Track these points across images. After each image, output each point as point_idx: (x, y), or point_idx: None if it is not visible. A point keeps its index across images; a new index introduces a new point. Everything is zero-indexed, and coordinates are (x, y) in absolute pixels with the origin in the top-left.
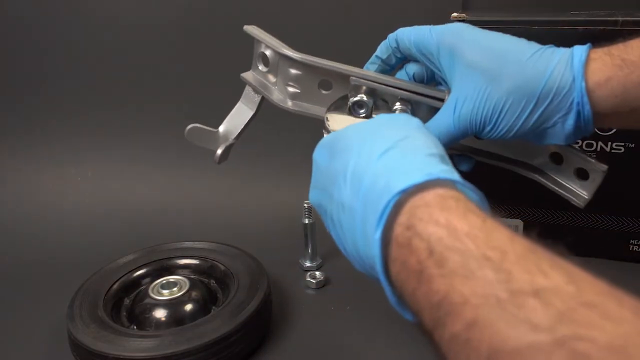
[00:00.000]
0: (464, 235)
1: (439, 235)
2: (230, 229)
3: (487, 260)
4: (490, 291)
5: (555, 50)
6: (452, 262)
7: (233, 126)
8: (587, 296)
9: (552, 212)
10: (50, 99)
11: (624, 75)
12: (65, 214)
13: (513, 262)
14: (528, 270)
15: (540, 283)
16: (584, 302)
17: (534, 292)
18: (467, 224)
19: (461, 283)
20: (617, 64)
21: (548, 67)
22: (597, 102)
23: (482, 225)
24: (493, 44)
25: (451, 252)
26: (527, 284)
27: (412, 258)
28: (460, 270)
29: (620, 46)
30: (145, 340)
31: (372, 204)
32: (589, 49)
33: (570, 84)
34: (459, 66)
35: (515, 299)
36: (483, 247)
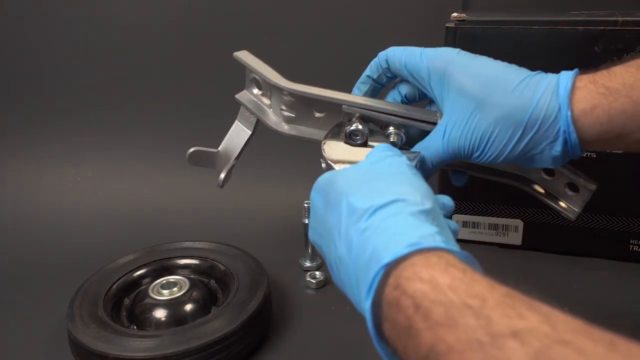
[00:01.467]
0: (447, 288)
1: (423, 291)
2: (230, 229)
3: (468, 308)
4: (473, 336)
5: (542, 77)
6: (436, 314)
7: (232, 146)
8: (562, 334)
9: (552, 212)
10: (50, 99)
11: (608, 103)
12: (65, 214)
13: (492, 307)
14: (506, 314)
15: (518, 325)
16: (559, 340)
17: (513, 333)
18: (449, 277)
19: (446, 332)
20: (602, 92)
21: (534, 96)
22: (583, 129)
23: (462, 277)
24: (482, 70)
25: (435, 305)
26: (506, 327)
27: (401, 315)
28: (444, 321)
29: (605, 73)
30: (145, 340)
31: (362, 271)
32: (575, 75)
33: (557, 112)
34: (449, 92)
35: (496, 342)
36: (464, 297)
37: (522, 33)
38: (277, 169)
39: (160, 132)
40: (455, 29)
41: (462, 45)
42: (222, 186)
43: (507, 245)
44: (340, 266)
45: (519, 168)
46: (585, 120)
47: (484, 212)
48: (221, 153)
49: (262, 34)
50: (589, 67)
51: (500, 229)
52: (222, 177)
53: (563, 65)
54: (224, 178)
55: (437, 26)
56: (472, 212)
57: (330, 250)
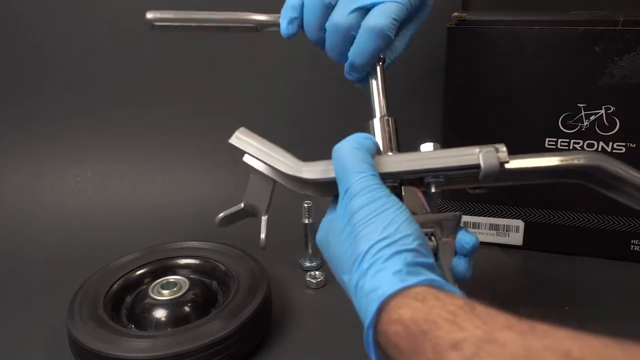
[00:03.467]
0: (409, 321)
1: (396, 331)
2: (230, 228)
3: (424, 334)
4: (427, 357)
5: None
6: (405, 347)
7: (256, 199)
8: (492, 334)
9: (552, 212)
10: (50, 99)
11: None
12: (65, 214)
13: (440, 327)
14: (449, 330)
15: (457, 336)
16: (488, 339)
17: (452, 345)
18: (410, 310)
19: (412, 359)
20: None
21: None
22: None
23: (421, 307)
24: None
25: (404, 341)
26: (447, 341)
27: (392, 355)
28: (410, 350)
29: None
30: (141, 340)
31: (363, 318)
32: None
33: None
34: None
35: (439, 356)
36: (421, 324)
37: (522, 33)
38: None
39: (160, 132)
40: (455, 29)
41: (462, 45)
42: (264, 248)
43: (508, 246)
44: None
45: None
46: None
47: (484, 213)
48: (247, 206)
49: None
50: (589, 67)
51: (501, 229)
52: (263, 239)
53: (563, 65)
54: (265, 239)
55: (437, 26)
56: (472, 213)
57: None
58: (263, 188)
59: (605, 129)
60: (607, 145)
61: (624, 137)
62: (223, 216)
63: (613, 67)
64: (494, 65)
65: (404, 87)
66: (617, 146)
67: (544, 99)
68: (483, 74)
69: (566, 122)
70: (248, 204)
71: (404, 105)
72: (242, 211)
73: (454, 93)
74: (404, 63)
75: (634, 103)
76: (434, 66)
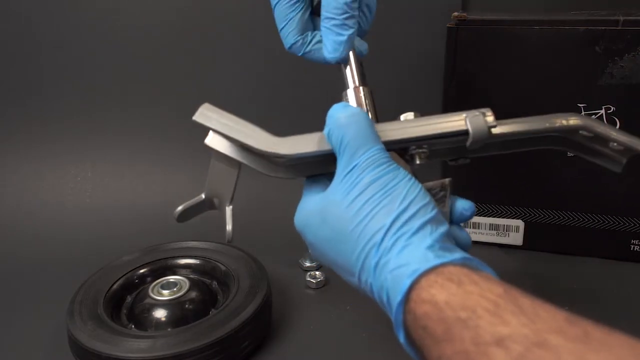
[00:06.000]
0: (444, 304)
1: (427, 312)
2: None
3: (460, 322)
4: (464, 348)
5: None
6: (438, 332)
7: (218, 188)
8: (541, 335)
9: (552, 212)
10: (50, 99)
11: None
12: (65, 214)
13: (480, 317)
14: (492, 322)
15: (502, 332)
16: (537, 342)
17: (496, 341)
18: (446, 293)
19: (446, 346)
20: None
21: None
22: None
23: (457, 291)
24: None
25: (436, 323)
26: (491, 335)
27: (417, 335)
28: (444, 336)
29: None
30: (140, 340)
31: (387, 307)
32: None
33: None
34: None
35: (482, 350)
36: (458, 310)
37: (522, 33)
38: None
39: (160, 132)
40: (455, 28)
41: (462, 45)
42: (231, 240)
43: (508, 246)
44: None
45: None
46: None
47: (484, 213)
48: (208, 199)
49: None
50: (589, 67)
51: (501, 229)
52: (229, 230)
53: (563, 65)
54: (232, 231)
55: (437, 26)
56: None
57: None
58: (227, 175)
59: None
60: None
61: None
62: (182, 210)
63: (613, 67)
64: (494, 65)
65: (404, 87)
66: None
67: (544, 99)
68: (483, 74)
69: None
70: (210, 194)
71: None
72: (203, 203)
73: (454, 93)
74: (404, 63)
75: (634, 103)
76: (434, 66)
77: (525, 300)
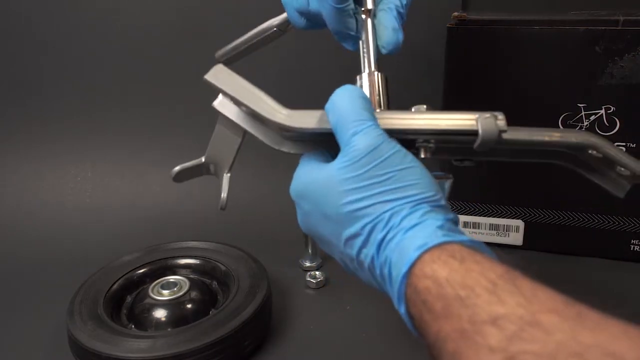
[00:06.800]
0: (444, 281)
1: (427, 287)
2: (230, 228)
3: (459, 300)
4: (461, 325)
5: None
6: (437, 307)
7: (219, 154)
8: (535, 316)
9: (552, 212)
10: (50, 99)
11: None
12: (65, 214)
13: (478, 295)
14: (489, 301)
15: (498, 311)
16: (531, 322)
17: (492, 320)
18: (447, 269)
19: (444, 323)
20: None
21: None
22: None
23: (458, 267)
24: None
25: (435, 299)
26: (487, 314)
27: (416, 310)
28: (443, 312)
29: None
30: (140, 340)
31: (388, 285)
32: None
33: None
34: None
35: (478, 329)
36: (457, 288)
37: (522, 33)
38: (278, 168)
39: (160, 132)
40: (455, 28)
41: (462, 45)
42: (225, 208)
43: (508, 246)
44: (357, 269)
45: (568, 147)
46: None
47: (484, 213)
48: (208, 163)
49: None
50: (589, 67)
51: (501, 229)
52: (224, 198)
53: (564, 65)
54: (227, 198)
55: (437, 26)
56: (472, 213)
57: (338, 255)
58: (230, 142)
59: (605, 129)
60: None
61: (624, 137)
62: (179, 169)
63: (613, 67)
64: (493, 65)
65: (404, 87)
66: (617, 146)
67: (544, 98)
68: (483, 74)
69: (566, 122)
70: (210, 158)
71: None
72: (201, 166)
73: (454, 93)
74: (404, 63)
75: (634, 103)
76: (434, 66)
77: (525, 281)
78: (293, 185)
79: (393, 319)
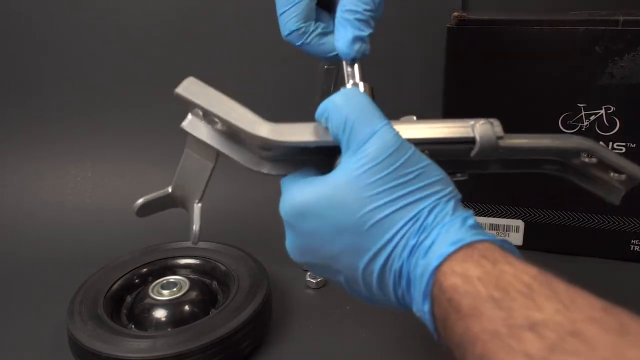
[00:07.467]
0: (476, 280)
1: (455, 284)
2: (230, 228)
3: (492, 300)
4: (495, 328)
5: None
6: (465, 306)
7: (189, 183)
8: (576, 325)
9: (552, 212)
10: (50, 99)
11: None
12: (65, 214)
13: (514, 299)
14: (526, 305)
15: (536, 317)
16: (572, 332)
17: (530, 326)
18: (480, 269)
19: (473, 323)
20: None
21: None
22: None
23: (492, 269)
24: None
25: (464, 297)
26: (524, 319)
27: (440, 309)
28: (471, 312)
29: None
30: (140, 340)
31: (412, 287)
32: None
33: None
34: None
35: (514, 333)
36: (491, 289)
37: (522, 33)
38: None
39: (161, 132)
40: (455, 28)
41: (463, 45)
42: (197, 243)
43: None
44: (363, 290)
45: (562, 152)
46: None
47: (484, 213)
48: (175, 194)
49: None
50: (589, 67)
51: (501, 229)
52: (196, 230)
53: (563, 65)
54: (199, 231)
55: (437, 26)
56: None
57: (342, 272)
58: (200, 167)
59: (605, 129)
60: (607, 145)
61: (624, 137)
62: (143, 202)
63: (613, 67)
64: (493, 65)
65: (404, 87)
66: (617, 146)
67: (544, 98)
68: (483, 74)
69: (566, 122)
70: (178, 188)
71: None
72: (168, 197)
73: (454, 93)
74: (404, 63)
75: (634, 103)
76: (434, 66)
77: (560, 285)
78: (287, 207)
79: (393, 319)
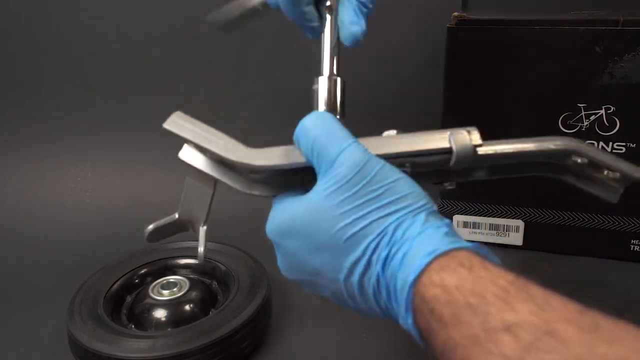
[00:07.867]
0: (453, 288)
1: (435, 295)
2: (230, 228)
3: (469, 307)
4: (473, 332)
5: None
6: (446, 315)
7: (193, 208)
8: (550, 325)
9: (552, 212)
10: (50, 99)
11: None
12: (65, 214)
13: (490, 303)
14: (501, 309)
15: (511, 319)
16: (547, 331)
17: (505, 328)
18: (457, 277)
19: (453, 331)
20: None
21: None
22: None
23: (468, 275)
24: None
25: (444, 307)
26: (500, 321)
27: (423, 320)
28: (451, 321)
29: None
30: (140, 340)
31: (394, 300)
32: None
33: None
34: None
35: (491, 336)
36: (467, 295)
37: (522, 33)
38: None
39: (160, 132)
40: (455, 28)
41: (462, 45)
42: (202, 262)
43: (508, 246)
44: (349, 301)
45: (549, 156)
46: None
47: (484, 213)
48: (182, 219)
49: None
50: (589, 67)
51: (501, 229)
52: (201, 252)
53: (563, 65)
54: (204, 252)
55: (437, 26)
56: (472, 213)
57: (329, 288)
58: (201, 193)
59: (605, 129)
60: (607, 145)
61: (623, 137)
62: (153, 228)
63: (613, 67)
64: (493, 65)
65: (404, 87)
66: (617, 146)
67: (544, 99)
68: (483, 73)
69: (566, 122)
70: (184, 214)
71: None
72: (175, 223)
73: (454, 93)
74: (404, 63)
75: (634, 103)
76: (434, 66)
77: (536, 289)
78: (271, 227)
79: (393, 320)
